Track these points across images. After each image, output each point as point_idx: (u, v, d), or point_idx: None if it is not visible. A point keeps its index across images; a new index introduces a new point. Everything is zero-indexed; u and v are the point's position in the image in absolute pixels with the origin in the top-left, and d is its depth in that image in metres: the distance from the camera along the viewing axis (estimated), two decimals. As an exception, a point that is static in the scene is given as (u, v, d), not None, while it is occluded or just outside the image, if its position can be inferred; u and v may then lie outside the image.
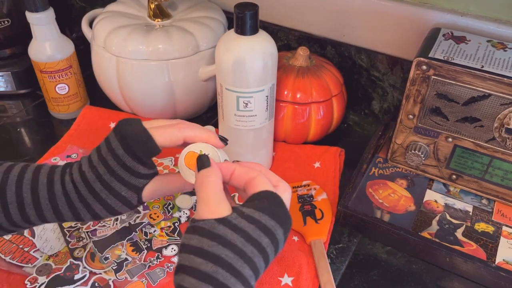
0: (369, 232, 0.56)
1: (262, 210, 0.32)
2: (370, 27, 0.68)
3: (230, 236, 0.31)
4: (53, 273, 0.50)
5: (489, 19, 0.60)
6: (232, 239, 0.31)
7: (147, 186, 0.40)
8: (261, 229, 0.32)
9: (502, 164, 0.56)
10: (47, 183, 0.39)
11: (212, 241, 0.31)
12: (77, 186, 0.39)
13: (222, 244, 0.31)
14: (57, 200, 0.39)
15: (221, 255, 0.30)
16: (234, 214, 0.32)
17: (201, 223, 0.32)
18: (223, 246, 0.31)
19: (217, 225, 0.32)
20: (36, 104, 0.78)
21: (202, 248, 0.31)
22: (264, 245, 0.32)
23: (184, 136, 0.39)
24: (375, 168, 0.65)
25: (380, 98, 0.73)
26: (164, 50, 0.64)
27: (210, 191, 0.34)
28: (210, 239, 0.31)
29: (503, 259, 0.53)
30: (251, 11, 0.50)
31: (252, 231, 0.31)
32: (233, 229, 0.31)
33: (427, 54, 0.53)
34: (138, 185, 0.39)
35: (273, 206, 0.33)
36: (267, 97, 0.56)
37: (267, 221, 0.32)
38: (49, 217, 0.40)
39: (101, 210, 0.40)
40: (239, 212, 0.32)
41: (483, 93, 0.52)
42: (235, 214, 0.32)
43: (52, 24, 0.66)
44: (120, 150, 0.38)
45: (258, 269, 0.32)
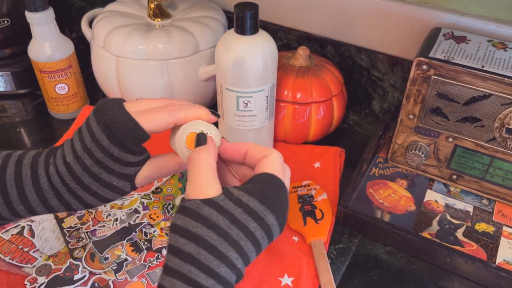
0: (369, 232, 0.56)
1: (252, 193, 0.31)
2: (370, 27, 0.68)
3: (215, 218, 0.30)
4: (53, 273, 0.50)
5: (490, 19, 0.60)
6: (217, 221, 0.30)
7: (140, 173, 0.38)
8: (248, 213, 0.31)
9: (503, 164, 0.56)
10: (31, 176, 0.36)
11: (197, 222, 0.30)
12: (64, 179, 0.36)
13: (206, 225, 0.30)
14: (45, 194, 0.37)
15: (205, 237, 0.30)
16: (221, 195, 0.32)
17: (187, 203, 0.32)
18: (207, 227, 0.30)
19: (202, 205, 0.31)
20: (35, 104, 0.78)
21: (186, 229, 0.31)
22: (252, 229, 0.31)
23: (175, 120, 0.36)
24: (375, 168, 0.64)
25: (381, 98, 0.73)
26: (164, 50, 0.64)
27: (198, 170, 0.33)
28: (195, 220, 0.31)
29: (504, 259, 0.53)
30: (251, 11, 0.50)
31: (239, 214, 0.31)
32: (218, 210, 0.31)
33: (427, 54, 0.53)
34: (129, 173, 0.37)
35: (266, 190, 0.32)
36: (267, 97, 0.55)
37: (256, 205, 0.31)
38: (39, 210, 0.38)
39: (93, 201, 0.38)
40: (227, 194, 0.32)
41: (483, 93, 0.52)
42: (223, 195, 0.31)
43: (52, 24, 0.66)
44: (105, 141, 0.35)
45: (245, 253, 0.31)
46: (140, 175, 0.38)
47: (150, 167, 0.38)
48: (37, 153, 0.38)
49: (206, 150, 0.35)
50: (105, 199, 0.38)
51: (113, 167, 0.36)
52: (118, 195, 0.38)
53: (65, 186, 0.37)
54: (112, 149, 0.35)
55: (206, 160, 0.34)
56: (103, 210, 0.57)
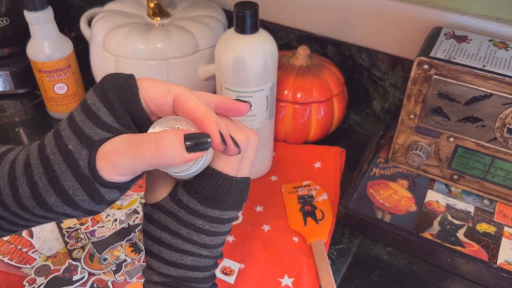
0: (370, 233, 0.56)
1: (191, 194, 0.32)
2: (371, 26, 0.68)
3: (164, 220, 0.33)
4: (52, 274, 0.50)
5: (491, 19, 0.60)
6: (166, 223, 0.33)
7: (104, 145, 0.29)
8: (190, 212, 0.32)
9: (504, 164, 0.55)
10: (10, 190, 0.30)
11: (152, 225, 0.33)
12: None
13: (159, 228, 0.33)
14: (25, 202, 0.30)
15: (161, 238, 0.33)
16: (166, 198, 0.33)
17: (144, 208, 0.35)
18: (161, 230, 0.33)
19: (152, 210, 0.33)
20: (34, 103, 0.78)
21: (148, 232, 0.34)
22: (199, 225, 0.33)
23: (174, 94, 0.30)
24: (376, 168, 0.64)
25: (381, 97, 0.73)
26: (164, 49, 0.63)
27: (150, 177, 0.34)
28: (151, 223, 0.34)
29: (505, 260, 0.53)
30: (251, 10, 0.50)
31: (183, 215, 0.32)
32: (165, 213, 0.33)
33: (428, 54, 0.53)
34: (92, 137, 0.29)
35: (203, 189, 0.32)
36: (267, 96, 0.55)
37: (195, 205, 0.32)
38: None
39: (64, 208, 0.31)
40: (172, 196, 0.33)
41: (484, 92, 0.51)
42: (167, 198, 0.33)
43: (51, 23, 0.66)
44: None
45: (204, 243, 0.33)
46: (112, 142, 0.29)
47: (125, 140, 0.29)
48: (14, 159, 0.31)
49: None
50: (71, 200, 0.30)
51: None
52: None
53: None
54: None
55: None
56: (102, 211, 0.57)
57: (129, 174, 0.29)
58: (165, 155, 0.27)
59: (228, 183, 0.32)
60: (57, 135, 0.30)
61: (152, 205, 0.33)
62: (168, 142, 0.27)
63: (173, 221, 0.33)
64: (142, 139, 0.28)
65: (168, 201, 0.33)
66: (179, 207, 0.32)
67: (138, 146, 0.28)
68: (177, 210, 0.32)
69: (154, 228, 0.33)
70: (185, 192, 0.32)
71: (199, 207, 0.32)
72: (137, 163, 0.28)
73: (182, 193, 0.32)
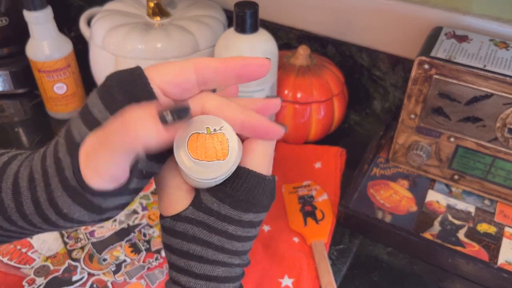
0: (370, 233, 0.56)
1: (222, 199, 0.29)
2: (371, 26, 0.68)
3: (191, 231, 0.30)
4: (51, 274, 0.50)
5: (492, 18, 0.60)
6: (194, 233, 0.30)
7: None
8: (222, 219, 0.30)
9: (505, 165, 0.55)
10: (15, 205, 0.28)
11: (176, 239, 0.30)
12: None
13: (185, 240, 0.30)
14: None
15: (189, 250, 0.30)
16: (190, 208, 0.30)
17: (162, 222, 0.31)
18: (188, 241, 0.30)
19: (174, 222, 0.30)
20: (34, 103, 0.78)
21: (171, 246, 0.31)
22: (232, 232, 0.30)
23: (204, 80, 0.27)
24: (376, 168, 0.64)
25: (382, 97, 0.73)
26: (163, 49, 0.63)
27: (162, 184, 0.31)
28: (174, 237, 0.30)
29: (506, 260, 0.52)
30: (251, 10, 0.50)
31: (213, 223, 0.30)
32: (192, 223, 0.30)
33: (429, 53, 0.53)
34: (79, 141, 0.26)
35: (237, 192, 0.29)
36: (267, 96, 0.55)
37: (228, 211, 0.29)
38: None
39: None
40: (196, 204, 0.30)
41: (485, 92, 0.51)
42: (191, 207, 0.30)
43: (50, 23, 0.66)
44: None
45: (236, 250, 0.31)
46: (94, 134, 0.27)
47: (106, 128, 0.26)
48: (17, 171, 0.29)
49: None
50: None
51: None
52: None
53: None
54: None
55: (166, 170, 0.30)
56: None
57: (111, 174, 0.25)
58: (138, 134, 0.23)
59: (262, 183, 0.30)
60: (56, 143, 0.27)
61: (173, 217, 0.30)
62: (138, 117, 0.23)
63: (203, 230, 0.30)
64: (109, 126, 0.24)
65: (193, 211, 0.30)
66: (209, 215, 0.29)
67: (107, 136, 0.24)
68: (207, 219, 0.29)
69: (180, 241, 0.30)
70: (214, 199, 0.29)
71: (232, 212, 0.29)
72: (112, 156, 0.24)
73: (209, 200, 0.29)
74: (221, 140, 0.27)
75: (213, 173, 0.27)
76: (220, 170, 0.27)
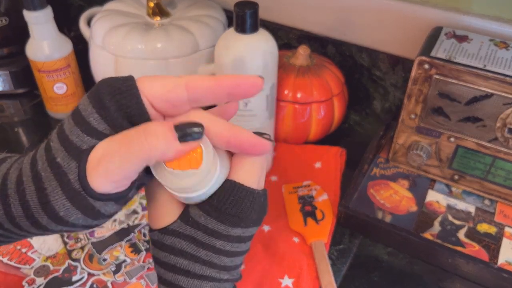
0: (370, 233, 0.56)
1: (209, 213, 0.29)
2: (371, 26, 0.68)
3: (179, 245, 0.29)
4: (51, 274, 0.50)
5: (492, 18, 0.60)
6: (181, 247, 0.29)
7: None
8: (210, 234, 0.29)
9: (505, 165, 0.55)
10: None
11: (164, 252, 0.30)
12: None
13: (173, 253, 0.30)
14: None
15: (176, 264, 0.30)
16: (178, 221, 0.29)
17: (150, 234, 0.31)
18: (175, 255, 0.30)
19: (162, 236, 0.30)
20: (34, 103, 0.78)
21: (159, 259, 0.31)
22: (219, 246, 0.29)
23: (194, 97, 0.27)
24: (376, 168, 0.64)
25: (382, 97, 0.73)
26: (163, 49, 0.63)
27: (151, 197, 0.31)
28: (162, 250, 0.30)
29: (506, 260, 0.52)
30: (251, 10, 0.50)
31: (201, 237, 0.29)
32: (179, 237, 0.29)
33: (429, 53, 0.53)
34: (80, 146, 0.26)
35: (224, 206, 0.28)
36: (267, 96, 0.55)
37: (215, 225, 0.29)
38: None
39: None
40: (184, 218, 0.29)
41: (485, 92, 0.51)
42: (179, 221, 0.29)
43: (50, 23, 0.66)
44: None
45: (224, 265, 0.30)
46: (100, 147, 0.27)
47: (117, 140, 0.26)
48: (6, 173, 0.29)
49: None
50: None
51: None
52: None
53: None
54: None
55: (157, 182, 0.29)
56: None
57: (121, 179, 0.26)
58: (157, 145, 0.25)
59: (250, 196, 0.29)
60: (47, 148, 0.27)
61: (161, 230, 0.30)
62: (159, 131, 0.25)
63: (190, 244, 0.29)
64: (129, 133, 0.25)
65: (181, 225, 0.29)
66: (196, 229, 0.29)
67: (126, 142, 0.25)
68: (194, 233, 0.29)
69: (167, 254, 0.30)
70: (201, 212, 0.29)
71: (219, 226, 0.29)
72: (128, 161, 0.25)
73: (197, 213, 0.29)
74: (195, 150, 0.26)
75: (186, 182, 0.26)
76: (194, 179, 0.26)
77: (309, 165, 0.65)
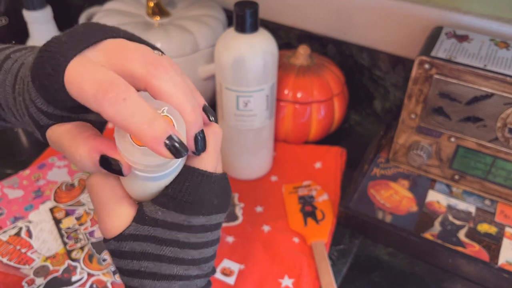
0: (370, 234, 0.56)
1: (165, 205, 0.27)
2: (371, 25, 0.68)
3: (139, 248, 0.27)
4: (51, 274, 0.50)
5: (492, 18, 0.59)
6: (142, 250, 0.27)
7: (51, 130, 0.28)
8: (170, 228, 0.27)
9: (505, 165, 0.55)
10: None
11: (125, 259, 0.28)
12: None
13: (135, 258, 0.28)
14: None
15: (140, 269, 0.28)
16: (133, 224, 0.27)
17: (106, 245, 0.29)
18: (137, 260, 0.28)
19: (119, 244, 0.28)
20: (34, 103, 0.78)
21: (121, 268, 0.29)
22: (184, 239, 0.28)
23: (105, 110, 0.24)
24: (376, 168, 0.64)
25: (382, 97, 0.73)
26: (163, 48, 0.63)
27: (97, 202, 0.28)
28: (122, 258, 0.28)
29: (506, 260, 0.52)
30: (251, 9, 0.49)
31: (161, 234, 0.27)
32: (138, 239, 0.27)
33: (429, 53, 0.53)
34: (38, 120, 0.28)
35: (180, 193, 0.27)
36: (267, 96, 0.55)
37: (174, 217, 0.27)
38: None
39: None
40: (140, 218, 0.27)
41: (485, 92, 0.51)
42: (134, 223, 0.27)
43: (50, 23, 0.66)
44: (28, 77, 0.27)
45: (193, 258, 0.29)
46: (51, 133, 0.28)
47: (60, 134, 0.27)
48: None
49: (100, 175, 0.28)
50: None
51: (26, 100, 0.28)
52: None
53: None
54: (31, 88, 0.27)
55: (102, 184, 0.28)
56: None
57: None
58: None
59: (208, 180, 0.27)
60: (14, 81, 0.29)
61: (116, 238, 0.28)
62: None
63: (151, 244, 0.27)
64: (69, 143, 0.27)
65: (137, 227, 0.27)
66: (155, 226, 0.27)
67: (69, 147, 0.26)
68: (153, 231, 0.27)
69: (129, 261, 0.28)
70: (157, 207, 0.27)
71: (179, 217, 0.27)
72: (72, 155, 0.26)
73: (152, 209, 0.27)
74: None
75: (157, 159, 0.25)
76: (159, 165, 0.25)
77: (309, 165, 0.65)
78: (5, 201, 0.58)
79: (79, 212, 0.57)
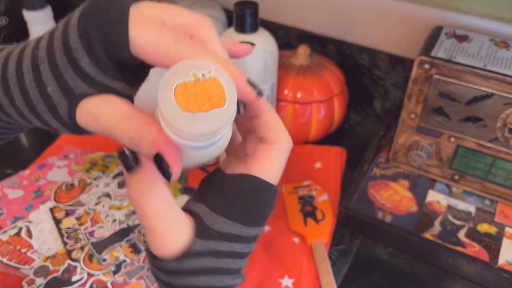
0: (370, 234, 0.56)
1: (232, 216, 0.26)
2: (371, 25, 0.68)
3: (200, 264, 0.26)
4: (51, 274, 0.50)
5: (492, 18, 0.59)
6: (204, 265, 0.26)
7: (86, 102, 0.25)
8: (232, 239, 0.26)
9: (505, 165, 0.55)
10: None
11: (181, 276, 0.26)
12: None
13: (193, 275, 0.26)
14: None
15: (195, 284, 0.26)
16: (196, 240, 0.25)
17: (159, 264, 0.26)
18: (197, 276, 0.26)
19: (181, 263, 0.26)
20: (34, 103, 0.78)
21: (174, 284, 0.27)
22: (238, 249, 0.27)
23: (181, 56, 0.24)
24: (376, 168, 0.64)
25: (382, 97, 0.73)
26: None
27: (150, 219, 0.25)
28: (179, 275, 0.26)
29: (506, 260, 0.52)
30: (251, 9, 0.50)
31: (224, 247, 0.26)
32: (201, 255, 0.26)
33: (429, 53, 0.53)
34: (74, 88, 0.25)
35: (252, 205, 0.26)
36: (267, 96, 0.55)
37: (239, 229, 0.26)
38: None
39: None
40: (202, 234, 0.26)
41: (485, 92, 0.51)
42: (198, 240, 0.26)
43: (50, 23, 0.66)
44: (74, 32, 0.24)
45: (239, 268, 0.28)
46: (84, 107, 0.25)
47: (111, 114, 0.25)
48: None
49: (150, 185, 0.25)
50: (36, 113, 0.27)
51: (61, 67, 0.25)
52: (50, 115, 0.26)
53: None
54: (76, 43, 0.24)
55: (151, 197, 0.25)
56: (102, 211, 0.57)
57: None
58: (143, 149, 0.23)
59: (274, 195, 0.27)
60: (35, 67, 0.25)
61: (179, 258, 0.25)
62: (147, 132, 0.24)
63: (212, 258, 0.26)
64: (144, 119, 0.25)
65: (202, 243, 0.26)
66: (219, 240, 0.26)
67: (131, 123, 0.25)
68: (218, 245, 0.26)
69: (185, 277, 0.26)
70: (223, 219, 0.26)
71: (242, 229, 0.26)
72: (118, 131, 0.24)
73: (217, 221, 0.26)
74: (213, 85, 0.22)
75: (213, 125, 0.22)
76: (220, 120, 0.22)
77: (309, 165, 0.65)
78: (5, 201, 0.58)
79: (79, 212, 0.57)
